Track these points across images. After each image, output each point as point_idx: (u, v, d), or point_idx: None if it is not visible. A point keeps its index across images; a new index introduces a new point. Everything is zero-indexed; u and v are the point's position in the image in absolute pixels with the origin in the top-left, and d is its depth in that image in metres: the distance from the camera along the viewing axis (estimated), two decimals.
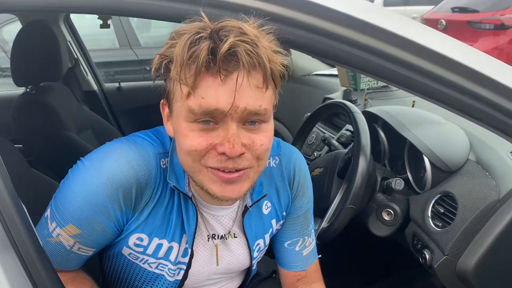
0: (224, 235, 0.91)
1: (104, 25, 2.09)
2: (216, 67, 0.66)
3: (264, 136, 0.73)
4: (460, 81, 0.84)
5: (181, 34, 0.70)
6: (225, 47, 0.65)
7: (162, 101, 0.79)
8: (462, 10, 5.34)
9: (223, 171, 0.72)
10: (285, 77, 0.75)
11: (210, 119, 0.69)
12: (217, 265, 0.93)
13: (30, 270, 0.70)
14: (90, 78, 2.57)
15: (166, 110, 0.79)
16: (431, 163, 1.30)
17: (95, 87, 2.59)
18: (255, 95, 0.69)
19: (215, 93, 0.67)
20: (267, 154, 0.77)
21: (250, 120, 0.71)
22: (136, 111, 2.68)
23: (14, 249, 0.69)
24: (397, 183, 1.28)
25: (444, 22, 5.43)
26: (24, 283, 0.69)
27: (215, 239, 0.90)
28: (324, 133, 1.91)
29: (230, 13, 0.75)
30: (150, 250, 0.86)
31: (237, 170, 0.72)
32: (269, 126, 0.74)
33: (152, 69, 0.74)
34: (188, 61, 0.67)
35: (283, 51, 0.73)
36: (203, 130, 0.70)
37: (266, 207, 0.94)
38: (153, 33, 4.68)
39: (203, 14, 0.71)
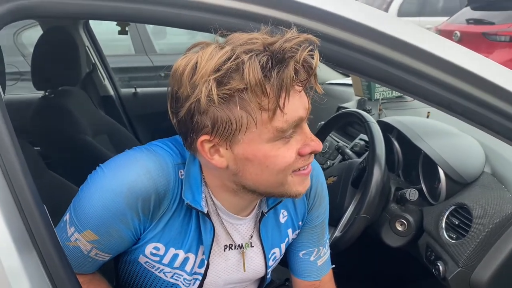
0: (241, 244, 0.91)
1: (123, 32, 2.12)
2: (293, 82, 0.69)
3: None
4: (478, 94, 0.84)
5: (233, 59, 0.67)
6: (301, 60, 0.67)
7: (202, 139, 0.73)
8: (477, 21, 5.31)
9: (304, 168, 0.78)
10: None
11: (294, 129, 0.73)
12: (244, 271, 0.93)
13: (51, 271, 0.71)
14: (107, 83, 2.61)
15: (208, 145, 0.73)
16: (446, 175, 1.29)
17: (111, 92, 2.63)
18: (306, 95, 0.74)
19: (293, 105, 0.71)
20: None
21: None
22: (151, 116, 2.70)
23: (36, 250, 0.70)
24: (412, 194, 1.28)
25: (458, 34, 5.39)
26: (45, 285, 0.70)
27: (231, 249, 0.91)
28: (338, 142, 1.92)
29: (249, 22, 0.76)
30: (166, 260, 0.86)
31: None
32: None
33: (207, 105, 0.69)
34: (272, 86, 0.67)
35: None
36: (287, 143, 0.74)
37: (283, 216, 0.95)
38: (169, 40, 4.73)
39: (255, 30, 0.72)
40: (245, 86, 0.67)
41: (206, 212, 0.82)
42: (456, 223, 1.20)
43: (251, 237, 0.91)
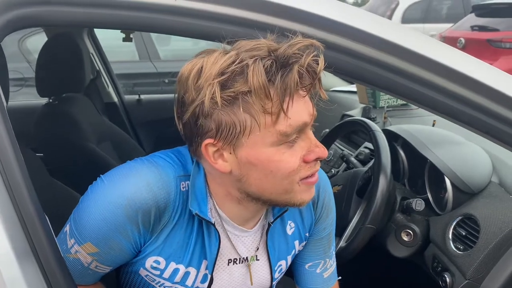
0: (246, 258, 0.89)
1: (127, 39, 2.12)
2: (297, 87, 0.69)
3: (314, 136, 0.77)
4: (486, 103, 0.83)
5: (242, 64, 0.68)
6: (305, 64, 0.67)
7: (206, 142, 0.73)
8: (481, 28, 5.31)
9: (311, 176, 0.76)
10: None
11: (298, 135, 0.73)
12: (252, 284, 0.92)
13: (51, 282, 0.70)
14: (111, 89, 2.61)
15: (212, 149, 0.73)
16: (453, 184, 1.27)
17: (115, 98, 2.63)
18: (310, 100, 0.74)
19: (297, 109, 0.70)
20: None
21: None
22: (155, 123, 2.70)
23: (36, 260, 0.69)
24: (418, 204, 1.26)
25: (463, 40, 5.39)
26: None
27: (236, 263, 0.89)
28: (343, 150, 1.90)
29: (255, 31, 0.76)
30: (166, 274, 0.84)
31: None
32: None
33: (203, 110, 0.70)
34: (276, 89, 0.67)
35: None
36: (291, 148, 0.73)
37: (290, 228, 0.93)
38: (173, 47, 4.75)
39: (262, 38, 0.72)
40: (249, 89, 0.67)
41: (213, 223, 0.81)
42: (463, 234, 1.18)
43: (257, 249, 0.90)
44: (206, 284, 0.87)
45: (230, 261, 0.88)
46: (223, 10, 0.77)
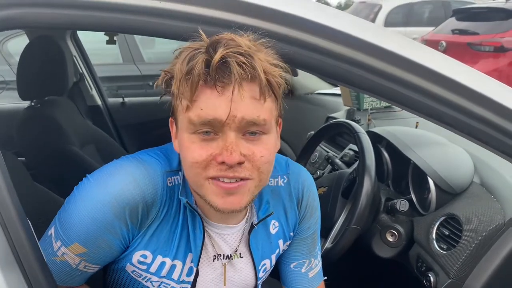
0: (230, 255, 0.90)
1: (111, 41, 2.10)
2: (212, 79, 0.68)
3: (264, 148, 0.74)
4: (467, 104, 0.85)
5: (182, 51, 0.72)
6: (216, 58, 0.67)
7: (170, 118, 0.80)
8: (462, 32, 5.41)
9: (223, 181, 0.73)
10: (285, 90, 0.76)
11: (210, 129, 0.71)
12: (224, 285, 0.92)
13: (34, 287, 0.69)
14: (94, 93, 2.59)
15: (174, 127, 0.80)
16: (436, 185, 1.29)
17: (99, 102, 2.60)
18: (253, 106, 0.70)
19: (213, 104, 0.69)
20: (269, 168, 0.77)
21: (250, 130, 0.72)
22: (139, 126, 2.68)
23: (19, 266, 0.69)
24: (402, 205, 1.28)
25: (444, 44, 5.49)
26: None
27: (221, 259, 0.89)
28: (328, 152, 1.92)
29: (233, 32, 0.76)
30: (153, 268, 0.85)
31: (237, 181, 0.73)
32: (270, 139, 0.75)
33: (155, 85, 0.77)
34: (187, 75, 0.69)
35: (282, 64, 0.74)
36: (204, 141, 0.72)
37: (273, 227, 0.94)
38: (157, 49, 4.72)
39: (201, 31, 0.72)
40: (175, 72, 0.71)
41: (201, 214, 0.82)
42: (447, 233, 1.20)
43: (237, 250, 0.90)
44: (192, 277, 0.87)
45: (215, 257, 0.89)
46: (207, 12, 0.77)
